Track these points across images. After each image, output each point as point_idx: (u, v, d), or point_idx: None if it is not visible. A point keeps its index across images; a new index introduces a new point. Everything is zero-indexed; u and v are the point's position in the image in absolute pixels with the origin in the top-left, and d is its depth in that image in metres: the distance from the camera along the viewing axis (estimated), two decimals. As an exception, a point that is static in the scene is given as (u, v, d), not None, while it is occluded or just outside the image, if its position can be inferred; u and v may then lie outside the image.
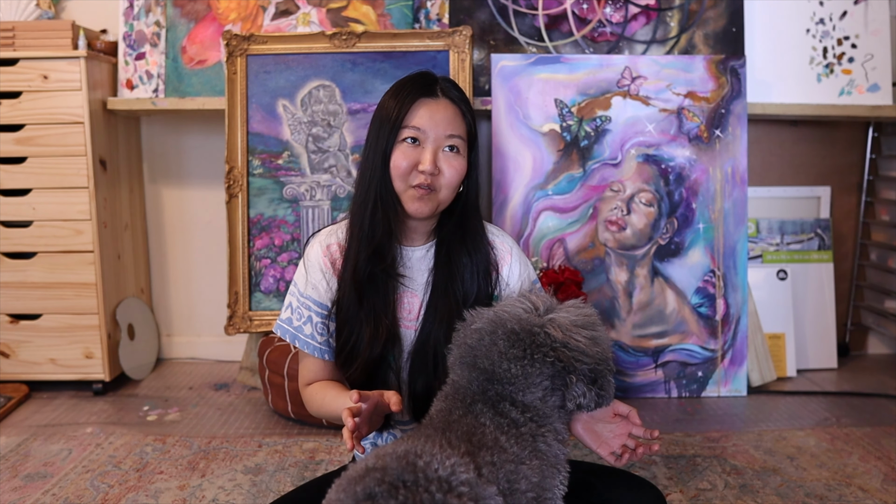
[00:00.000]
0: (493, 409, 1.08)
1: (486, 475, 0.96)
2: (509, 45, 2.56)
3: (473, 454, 0.97)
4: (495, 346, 1.11)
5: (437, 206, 1.30)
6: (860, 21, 2.62)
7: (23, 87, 2.39)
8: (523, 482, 1.02)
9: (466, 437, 1.00)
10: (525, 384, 1.09)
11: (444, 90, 1.31)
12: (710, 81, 2.50)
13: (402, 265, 1.35)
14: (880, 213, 2.92)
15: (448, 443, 0.97)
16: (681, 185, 2.50)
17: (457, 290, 1.32)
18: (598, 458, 2.00)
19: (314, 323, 1.35)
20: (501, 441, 1.03)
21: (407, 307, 1.34)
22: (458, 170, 1.29)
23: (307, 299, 1.35)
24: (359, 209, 1.32)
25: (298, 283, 1.37)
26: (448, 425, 1.04)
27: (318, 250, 1.36)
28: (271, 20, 2.59)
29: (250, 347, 2.55)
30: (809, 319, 2.79)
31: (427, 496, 0.81)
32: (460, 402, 1.10)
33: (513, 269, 1.38)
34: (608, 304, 2.50)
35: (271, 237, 2.48)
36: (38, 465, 1.97)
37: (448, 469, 0.86)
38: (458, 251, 1.34)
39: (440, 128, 1.28)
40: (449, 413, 1.09)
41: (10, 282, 2.46)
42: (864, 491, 1.81)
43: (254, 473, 1.92)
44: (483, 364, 1.11)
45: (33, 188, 2.43)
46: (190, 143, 2.83)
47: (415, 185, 1.28)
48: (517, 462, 1.03)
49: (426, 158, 1.27)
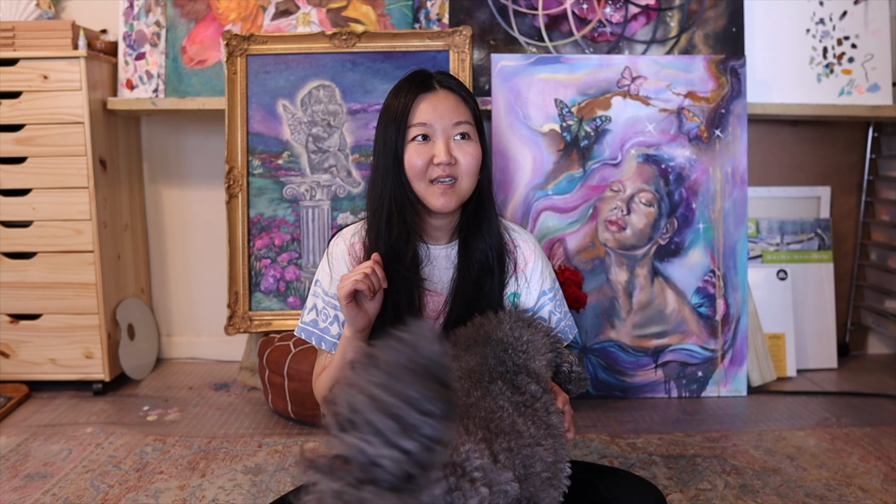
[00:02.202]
0: (512, 386, 1.10)
1: (503, 461, 0.97)
2: (509, 45, 2.56)
3: (490, 441, 0.98)
4: (503, 323, 1.18)
5: (460, 197, 1.31)
6: (860, 21, 2.62)
7: (23, 87, 2.39)
8: (539, 464, 1.03)
9: (484, 424, 1.01)
10: (535, 350, 1.17)
11: (441, 81, 1.32)
12: (710, 81, 2.50)
13: (427, 263, 1.35)
14: (880, 213, 2.92)
15: (465, 430, 0.97)
16: (681, 185, 2.50)
17: (482, 288, 1.33)
18: (597, 457, 2.01)
19: (341, 322, 1.34)
20: (518, 424, 1.04)
21: (432, 306, 1.35)
22: (473, 155, 1.29)
23: (333, 298, 1.35)
24: (374, 215, 1.33)
25: (322, 283, 1.36)
26: (466, 410, 1.04)
27: (343, 248, 1.36)
28: (271, 20, 2.59)
29: (250, 347, 2.55)
30: (809, 319, 2.79)
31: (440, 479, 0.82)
32: (477, 383, 1.10)
33: (535, 267, 1.39)
34: (608, 304, 2.50)
35: (271, 237, 2.48)
36: (38, 465, 1.97)
37: (462, 455, 0.87)
38: (475, 239, 1.34)
39: (446, 118, 1.28)
40: (467, 395, 1.08)
41: (10, 282, 2.46)
42: (864, 491, 1.81)
43: (254, 473, 1.92)
44: (497, 335, 1.16)
45: (33, 188, 2.43)
46: (190, 143, 2.83)
47: (435, 181, 1.28)
48: (533, 444, 1.04)
49: (440, 150, 1.27)
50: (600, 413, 2.37)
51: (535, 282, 1.39)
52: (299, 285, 2.48)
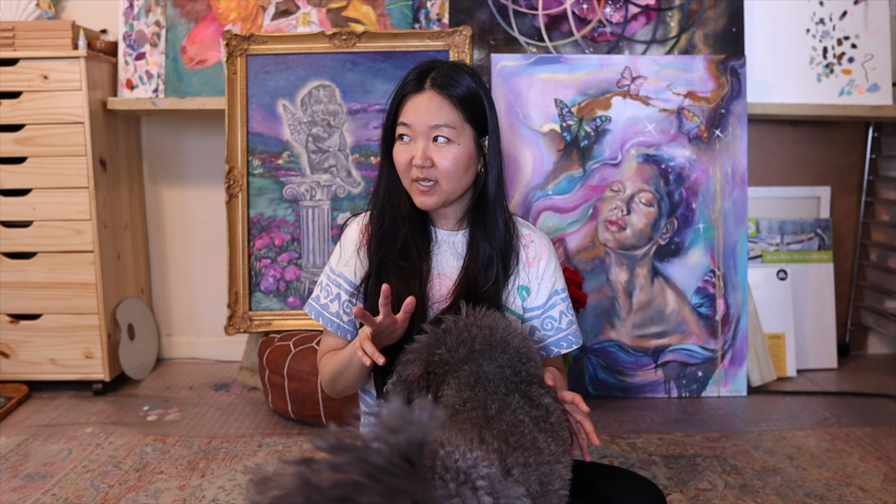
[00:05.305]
0: (528, 399, 1.09)
1: (516, 476, 0.95)
2: (509, 45, 2.56)
3: (505, 454, 0.96)
4: (517, 330, 1.15)
5: (443, 197, 1.31)
6: (860, 21, 2.62)
7: (23, 87, 2.39)
8: (557, 482, 1.02)
9: (503, 437, 1.00)
10: (540, 359, 1.16)
11: (434, 80, 1.30)
12: (710, 81, 2.50)
13: (435, 246, 1.37)
14: (880, 213, 2.92)
15: (480, 438, 0.96)
16: (681, 185, 2.50)
17: (489, 278, 1.34)
18: (597, 457, 2.01)
19: (342, 301, 1.37)
20: (539, 441, 1.03)
21: (437, 288, 1.35)
22: (450, 159, 1.29)
23: (338, 276, 1.38)
24: (372, 201, 1.39)
25: (332, 262, 1.40)
26: (487, 421, 1.03)
27: (356, 228, 1.39)
28: (271, 20, 2.59)
29: (250, 347, 2.55)
30: (809, 319, 2.79)
31: (440, 483, 0.81)
32: (493, 393, 1.09)
33: (549, 264, 1.40)
34: (608, 304, 2.50)
35: (271, 237, 2.47)
36: (38, 465, 1.97)
37: (469, 461, 0.85)
38: (478, 237, 1.36)
39: (424, 120, 1.29)
40: (485, 407, 1.07)
41: (10, 282, 2.46)
42: (864, 491, 1.81)
43: (254, 473, 1.92)
44: (515, 342, 1.13)
45: (33, 188, 2.43)
46: (190, 143, 2.83)
47: (414, 180, 1.30)
48: (553, 462, 1.03)
49: (417, 152, 1.29)
50: (600, 413, 2.37)
51: (547, 278, 1.39)
52: (299, 285, 2.48)
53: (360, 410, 1.46)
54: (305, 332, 2.38)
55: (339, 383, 1.34)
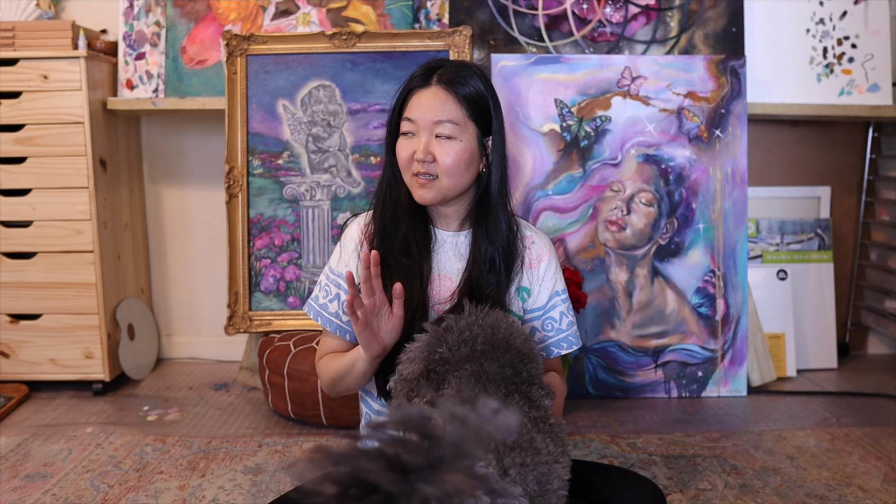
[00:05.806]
0: (528, 400, 1.09)
1: (514, 476, 0.95)
2: (509, 45, 2.56)
3: (502, 454, 0.96)
4: (520, 331, 1.15)
5: (442, 193, 1.31)
6: (860, 21, 2.62)
7: (23, 87, 2.39)
8: (556, 481, 1.02)
9: None
10: (541, 360, 1.16)
11: (441, 76, 1.31)
12: (710, 81, 2.50)
13: (436, 246, 1.37)
14: (880, 213, 2.92)
15: None
16: (681, 185, 2.50)
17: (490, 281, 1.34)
18: (598, 457, 2.01)
19: (341, 301, 1.37)
20: (537, 441, 1.03)
21: (439, 289, 1.35)
22: (451, 156, 1.29)
23: (338, 276, 1.38)
24: (375, 196, 1.39)
25: (331, 262, 1.41)
26: None
27: (356, 228, 1.40)
28: (271, 20, 2.59)
29: (250, 347, 2.55)
30: (809, 319, 2.79)
31: None
32: (493, 393, 1.09)
33: (550, 265, 1.40)
34: (608, 304, 2.50)
35: (271, 237, 2.47)
36: (38, 465, 1.97)
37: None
38: (481, 238, 1.36)
39: (428, 116, 1.29)
40: None
41: (10, 282, 2.46)
42: (864, 491, 1.81)
43: (254, 473, 1.92)
44: (517, 342, 1.13)
45: (33, 188, 2.43)
46: (190, 143, 2.83)
47: (415, 174, 1.30)
48: (551, 462, 1.03)
49: (419, 146, 1.29)
50: (600, 413, 2.37)
51: (548, 280, 1.39)
52: (299, 285, 2.48)
53: (362, 411, 1.46)
54: (305, 332, 2.38)
55: (340, 386, 1.35)
